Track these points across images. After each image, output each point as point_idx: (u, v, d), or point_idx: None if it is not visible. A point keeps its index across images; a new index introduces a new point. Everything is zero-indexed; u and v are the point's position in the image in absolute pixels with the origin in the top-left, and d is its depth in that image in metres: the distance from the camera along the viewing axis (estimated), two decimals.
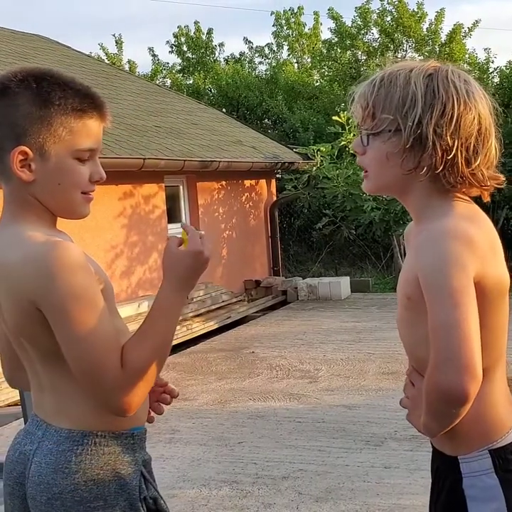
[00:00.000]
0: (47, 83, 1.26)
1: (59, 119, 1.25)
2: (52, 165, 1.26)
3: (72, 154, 1.26)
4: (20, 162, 1.25)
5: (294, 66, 17.41)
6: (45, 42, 10.49)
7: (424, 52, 14.62)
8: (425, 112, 1.23)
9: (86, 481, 1.26)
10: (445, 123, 1.22)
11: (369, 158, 1.30)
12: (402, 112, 1.24)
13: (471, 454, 1.29)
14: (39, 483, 1.27)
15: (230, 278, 8.69)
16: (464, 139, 1.23)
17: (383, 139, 1.27)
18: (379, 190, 1.37)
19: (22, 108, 1.25)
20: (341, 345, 6.31)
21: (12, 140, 1.25)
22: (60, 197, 1.28)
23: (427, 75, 1.25)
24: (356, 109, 1.31)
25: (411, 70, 1.26)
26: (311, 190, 9.81)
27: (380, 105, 1.26)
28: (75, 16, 36.00)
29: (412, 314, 1.27)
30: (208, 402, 4.87)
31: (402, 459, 3.64)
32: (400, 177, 1.27)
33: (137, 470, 1.31)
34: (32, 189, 1.27)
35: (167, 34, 27.56)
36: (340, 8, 21.55)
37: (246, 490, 3.41)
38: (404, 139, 1.24)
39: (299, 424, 4.32)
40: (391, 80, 1.26)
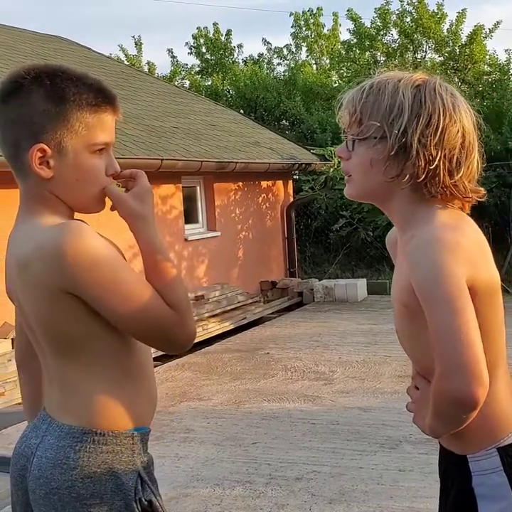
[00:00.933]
0: (60, 79, 1.27)
1: (75, 115, 1.26)
2: (70, 161, 1.27)
3: (88, 149, 1.28)
4: (39, 159, 1.26)
5: (313, 67, 17.40)
6: (65, 43, 10.60)
7: (444, 53, 14.52)
8: (411, 121, 1.24)
9: (83, 478, 1.26)
10: (430, 133, 1.24)
11: (353, 163, 1.31)
12: (388, 119, 1.26)
13: (480, 452, 1.29)
14: (38, 477, 1.29)
15: (246, 279, 8.70)
16: (447, 151, 1.25)
17: (368, 146, 1.28)
18: (360, 196, 1.38)
19: (37, 106, 1.26)
20: (357, 348, 6.29)
21: (30, 138, 1.26)
22: (78, 192, 1.30)
23: (415, 85, 1.28)
24: (344, 115, 1.32)
25: (400, 79, 1.29)
26: (328, 191, 9.79)
27: (368, 112, 1.28)
28: (95, 17, 36.32)
29: (412, 324, 1.29)
30: (222, 402, 4.89)
31: (417, 462, 3.62)
32: (383, 184, 1.28)
33: (134, 471, 1.31)
34: (50, 185, 1.28)
35: (186, 35, 27.78)
36: (360, 9, 21.53)
37: (259, 490, 3.41)
38: (389, 147, 1.26)
39: (313, 425, 4.31)
40: (380, 87, 1.28)
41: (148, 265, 1.31)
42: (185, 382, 5.41)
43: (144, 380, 1.36)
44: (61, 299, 1.23)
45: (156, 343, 1.29)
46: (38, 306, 1.26)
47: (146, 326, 1.25)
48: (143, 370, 1.35)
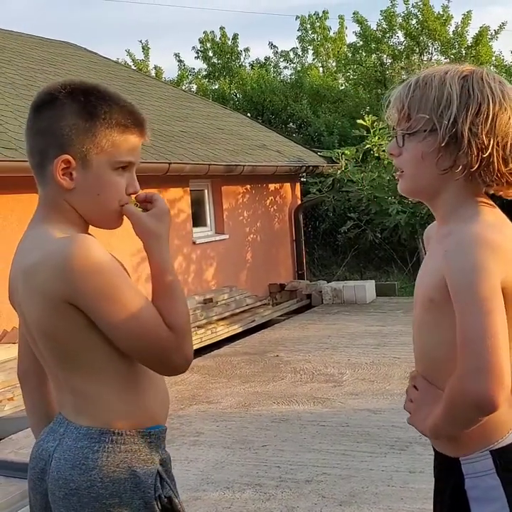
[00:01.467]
0: (94, 97, 1.32)
1: (103, 132, 1.30)
2: (93, 175, 1.30)
3: (112, 165, 1.31)
4: (63, 170, 1.30)
5: (319, 70, 17.41)
6: (72, 48, 10.66)
7: (450, 54, 14.50)
8: (460, 111, 1.24)
9: (102, 477, 1.28)
10: (480, 122, 1.24)
11: (405, 159, 1.31)
12: (437, 111, 1.25)
13: (473, 454, 1.29)
14: (58, 479, 1.30)
15: (255, 282, 8.71)
16: (500, 138, 1.25)
17: (418, 139, 1.28)
18: (413, 191, 1.37)
19: (68, 118, 1.30)
20: (366, 349, 6.28)
21: (57, 148, 1.29)
22: (97, 206, 1.32)
23: (462, 76, 1.27)
24: (392, 113, 1.32)
25: (446, 72, 1.28)
26: (336, 193, 9.78)
27: (416, 106, 1.27)
28: (102, 22, 36.52)
29: (436, 316, 1.28)
30: (232, 405, 4.89)
31: (427, 464, 3.59)
32: (436, 177, 1.28)
33: (153, 469, 1.32)
34: (69, 196, 1.31)
35: (193, 40, 27.79)
36: (366, 12, 21.50)
37: (269, 493, 3.41)
38: (439, 138, 1.25)
39: (322, 427, 4.30)
40: (426, 81, 1.28)
41: (157, 284, 1.31)
42: (194, 385, 5.42)
43: (152, 383, 1.36)
44: (62, 308, 1.24)
45: (151, 363, 1.29)
46: (40, 315, 1.28)
47: (140, 345, 1.26)
48: (150, 374, 1.35)
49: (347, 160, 9.28)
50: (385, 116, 1.35)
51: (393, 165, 1.31)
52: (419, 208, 8.74)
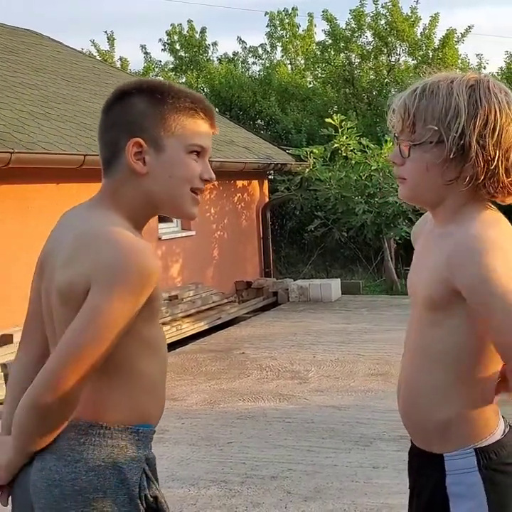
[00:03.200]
0: (160, 85, 1.35)
1: (172, 116, 1.31)
2: (166, 157, 1.31)
3: (185, 148, 1.31)
4: (135, 155, 1.30)
5: (288, 67, 17.43)
6: (36, 37, 10.44)
7: (417, 56, 14.68)
8: (468, 123, 1.24)
9: (87, 471, 1.26)
10: (488, 134, 1.24)
11: (408, 168, 1.31)
12: (445, 122, 1.24)
13: (457, 451, 1.31)
14: (41, 469, 1.28)
15: (221, 279, 8.69)
16: (504, 150, 1.26)
17: (424, 150, 1.27)
18: (415, 199, 1.37)
19: (136, 107, 1.32)
20: (331, 347, 6.32)
21: (127, 135, 1.31)
22: (169, 190, 1.32)
23: (468, 85, 1.27)
24: (396, 120, 1.31)
25: (452, 80, 1.27)
26: (304, 192, 9.83)
27: (422, 116, 1.26)
28: (67, 11, 35.92)
29: (438, 313, 1.30)
30: (197, 402, 4.87)
31: (391, 459, 3.66)
32: (439, 187, 1.28)
33: (139, 467, 1.30)
34: (143, 183, 1.31)
35: (160, 32, 27.56)
36: (335, 11, 21.59)
37: (235, 489, 3.41)
38: (447, 150, 1.25)
39: (288, 424, 4.32)
40: (433, 90, 1.27)
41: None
42: None
43: (152, 385, 1.35)
44: (79, 293, 1.24)
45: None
46: (61, 292, 1.28)
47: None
48: (151, 377, 1.34)
49: (315, 159, 9.33)
50: (388, 122, 1.33)
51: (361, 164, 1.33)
52: (385, 208, 8.85)
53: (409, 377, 1.39)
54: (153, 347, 1.34)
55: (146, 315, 1.28)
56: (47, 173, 6.09)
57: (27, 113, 6.58)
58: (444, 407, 1.32)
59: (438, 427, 1.33)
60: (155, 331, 1.35)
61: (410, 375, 1.38)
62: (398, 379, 1.44)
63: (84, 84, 8.63)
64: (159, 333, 1.38)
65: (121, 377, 1.30)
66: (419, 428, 1.38)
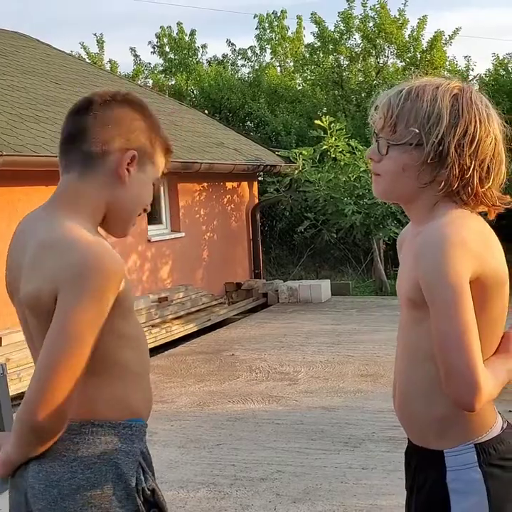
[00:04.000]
0: (154, 118, 1.43)
1: (158, 148, 1.41)
2: (142, 179, 1.39)
3: (153, 180, 1.43)
4: (126, 164, 1.35)
5: (277, 69, 17.46)
6: (25, 40, 10.40)
7: (405, 58, 14.75)
8: (449, 130, 1.26)
9: (83, 469, 1.27)
10: (466, 143, 1.26)
11: (385, 166, 1.33)
12: (426, 127, 1.26)
13: (457, 447, 1.31)
14: (38, 472, 1.29)
15: (211, 280, 8.68)
16: (480, 160, 1.28)
17: (402, 151, 1.29)
18: (389, 196, 1.40)
19: (139, 123, 1.39)
20: (321, 348, 6.33)
21: (125, 142, 1.35)
22: (130, 206, 1.40)
23: (452, 94, 1.29)
24: (378, 117, 1.33)
25: (438, 86, 1.30)
26: (293, 193, 9.84)
27: (405, 118, 1.28)
28: (56, 14, 35.78)
29: (417, 314, 1.31)
30: (186, 404, 4.86)
31: (380, 460, 3.67)
32: (413, 188, 1.30)
33: (135, 461, 1.32)
34: (114, 191, 1.35)
35: (149, 35, 27.52)
36: (323, 13, 21.67)
37: (224, 491, 3.40)
38: (425, 154, 1.27)
39: (277, 425, 4.32)
40: (418, 93, 1.29)
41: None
42: None
43: (136, 379, 1.36)
44: (50, 297, 1.25)
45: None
46: (35, 294, 1.29)
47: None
48: (134, 371, 1.36)
49: (304, 160, 9.34)
50: (370, 119, 1.35)
51: (350, 166, 1.34)
52: (374, 209, 8.88)
53: (402, 376, 1.40)
54: (133, 341, 1.36)
55: (119, 313, 1.30)
56: (36, 176, 6.07)
57: (16, 116, 6.54)
58: (440, 404, 1.32)
59: (436, 423, 1.33)
60: (132, 326, 1.37)
61: (404, 373, 1.39)
62: (393, 378, 1.45)
63: (74, 87, 8.59)
64: (137, 327, 1.40)
65: (107, 374, 1.32)
66: (417, 426, 1.38)
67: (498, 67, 13.96)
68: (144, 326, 6.86)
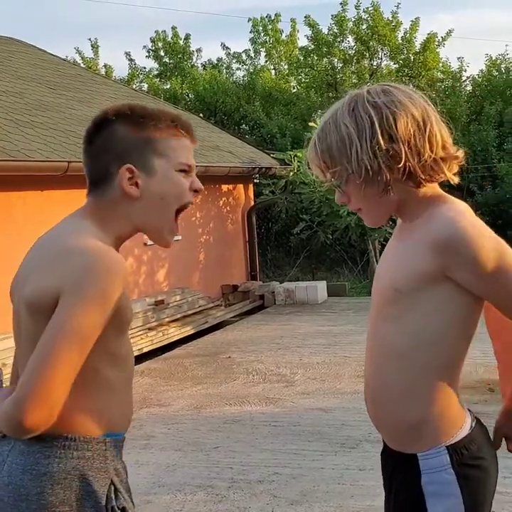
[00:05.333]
0: (139, 109, 1.37)
1: (156, 138, 1.35)
2: (157, 179, 1.34)
3: (175, 167, 1.35)
4: (129, 180, 1.33)
5: (271, 72, 17.49)
6: (19, 45, 10.40)
7: (398, 60, 14.80)
8: (361, 142, 1.29)
9: (53, 484, 1.24)
10: (376, 141, 1.28)
11: (354, 201, 1.37)
12: (347, 154, 1.30)
13: (430, 451, 1.32)
14: (8, 484, 1.26)
15: (207, 283, 8.68)
16: (406, 141, 1.28)
17: (350, 182, 1.33)
18: (379, 221, 1.42)
19: (119, 133, 1.35)
20: (317, 349, 6.34)
21: (116, 162, 1.33)
22: (158, 212, 1.35)
23: (350, 109, 1.32)
24: (315, 171, 1.39)
25: (336, 111, 1.33)
26: (288, 195, 9.86)
27: (328, 159, 1.33)
28: (51, 19, 35.77)
29: (399, 308, 1.32)
30: (183, 407, 4.86)
31: (377, 461, 3.62)
32: (384, 200, 1.33)
33: (107, 478, 1.29)
34: (132, 207, 1.34)
35: (144, 39, 27.51)
36: (317, 16, 21.71)
37: (221, 494, 3.40)
38: (356, 176, 1.30)
39: (274, 428, 4.33)
40: (325, 132, 1.33)
41: None
42: (145, 388, 5.36)
43: (114, 393, 1.33)
44: (48, 303, 1.24)
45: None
46: (32, 299, 1.28)
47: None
48: (112, 384, 1.33)
49: (299, 162, 9.36)
50: (314, 177, 1.42)
51: None
52: None
53: (374, 378, 1.39)
54: (121, 361, 1.34)
55: (113, 333, 1.27)
56: (31, 181, 6.07)
57: (10, 121, 6.54)
58: (411, 410, 1.32)
59: (407, 428, 1.33)
60: (123, 346, 1.34)
61: (375, 376, 1.39)
62: (365, 379, 1.44)
63: (69, 92, 8.60)
64: (127, 347, 1.37)
65: (87, 387, 1.28)
66: (389, 430, 1.39)
67: (491, 68, 14.01)
68: (140, 329, 6.86)
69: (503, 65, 13.93)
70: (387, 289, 1.33)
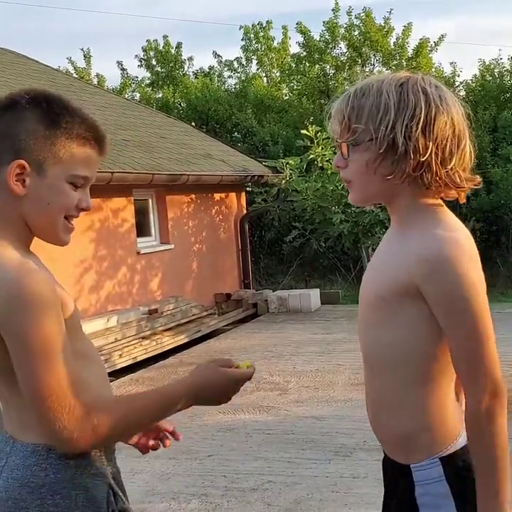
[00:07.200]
0: (57, 106, 1.29)
1: (63, 142, 1.27)
2: (47, 184, 1.27)
3: (67, 178, 1.29)
4: (17, 176, 1.26)
5: (263, 80, 17.56)
6: (11, 55, 10.41)
7: (391, 66, 14.87)
8: (397, 117, 1.25)
9: (52, 494, 1.25)
10: (414, 125, 1.25)
11: (351, 170, 1.32)
12: (375, 120, 1.26)
13: (423, 462, 1.30)
14: (7, 499, 1.26)
15: (201, 291, 8.69)
16: (439, 141, 1.26)
17: (362, 149, 1.29)
18: (365, 200, 1.38)
19: (28, 124, 1.27)
20: (311, 357, 6.35)
21: (12, 153, 1.26)
22: (45, 217, 1.30)
23: (399, 84, 1.28)
24: (334, 125, 1.33)
25: (382, 81, 1.30)
26: (281, 203, 9.89)
27: (354, 116, 1.28)
28: (43, 29, 35.81)
29: (386, 315, 1.30)
30: (177, 415, 4.80)
31: (371, 469, 3.68)
32: (383, 183, 1.29)
33: (105, 483, 1.30)
34: (20, 205, 1.28)
35: (136, 48, 27.60)
36: (309, 23, 21.83)
37: (215, 502, 3.40)
38: (378, 145, 1.26)
39: (268, 436, 4.33)
40: (364, 91, 1.29)
41: (143, 394, 1.35)
42: None
43: (93, 387, 1.33)
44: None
45: (44, 429, 1.24)
46: None
47: (34, 404, 1.22)
48: (92, 384, 1.33)
49: (291, 170, 9.39)
50: (328, 129, 1.35)
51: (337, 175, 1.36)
52: (362, 217, 8.93)
53: (371, 385, 1.40)
54: (87, 356, 1.34)
55: (69, 332, 1.27)
56: None
57: None
58: (405, 419, 1.32)
59: (400, 438, 1.33)
60: (80, 343, 1.34)
61: (371, 383, 1.39)
62: (365, 387, 1.44)
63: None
64: (85, 343, 1.37)
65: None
66: (384, 439, 1.38)
67: (485, 73, 14.06)
68: (134, 338, 6.85)
69: (497, 70, 13.97)
70: (375, 296, 1.32)
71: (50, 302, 1.22)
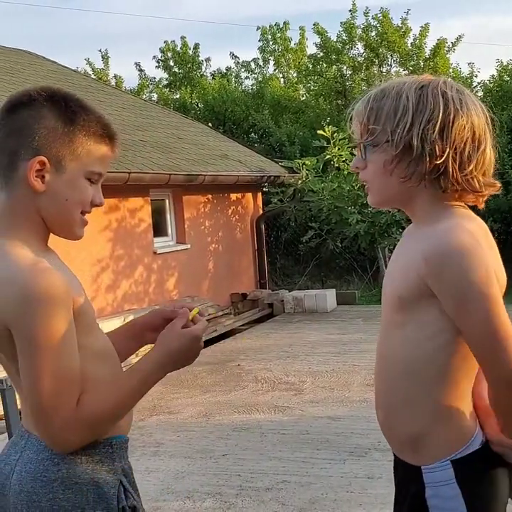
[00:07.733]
0: (74, 104, 1.33)
1: (80, 139, 1.31)
2: (65, 180, 1.30)
3: (85, 174, 1.32)
4: (36, 172, 1.28)
5: (280, 81, 17.57)
6: (31, 57, 10.53)
7: (408, 66, 14.80)
8: (414, 120, 1.26)
9: (64, 489, 1.27)
10: (432, 128, 1.24)
11: (369, 171, 1.33)
12: (393, 121, 1.27)
13: (434, 464, 1.30)
14: (19, 492, 1.29)
15: (217, 291, 8.71)
16: (456, 145, 1.25)
17: (380, 151, 1.29)
18: (383, 202, 1.39)
19: (47, 121, 1.29)
20: (326, 358, 6.34)
21: (32, 149, 1.28)
22: (63, 213, 1.32)
23: (419, 87, 1.29)
24: (354, 126, 1.34)
25: (404, 83, 1.30)
26: (297, 203, 9.88)
27: (374, 118, 1.29)
28: (62, 31, 36.13)
29: (403, 315, 1.30)
30: (193, 415, 4.88)
31: (385, 470, 3.66)
32: (400, 185, 1.29)
33: (116, 479, 1.31)
34: (38, 201, 1.30)
35: (154, 49, 27.76)
36: (326, 24, 21.81)
37: (230, 502, 3.41)
38: (394, 147, 1.26)
39: (283, 436, 4.33)
40: (384, 93, 1.30)
41: (127, 376, 1.36)
42: (155, 396, 5.38)
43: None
44: (3, 330, 1.25)
45: (36, 421, 1.27)
46: None
47: (33, 400, 1.24)
48: (102, 375, 1.35)
49: (308, 170, 9.39)
50: (350, 131, 1.35)
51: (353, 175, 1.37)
52: (379, 218, 8.90)
53: (383, 386, 1.39)
54: (101, 355, 1.35)
55: (80, 330, 1.28)
56: None
57: None
58: (410, 419, 1.31)
59: (411, 440, 1.32)
60: (97, 340, 1.36)
61: (383, 384, 1.38)
62: (375, 388, 1.44)
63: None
64: (103, 340, 1.39)
65: (82, 391, 1.29)
66: (394, 440, 1.38)
67: (502, 73, 13.93)
68: None
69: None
70: (393, 296, 1.32)
71: (61, 303, 1.23)
